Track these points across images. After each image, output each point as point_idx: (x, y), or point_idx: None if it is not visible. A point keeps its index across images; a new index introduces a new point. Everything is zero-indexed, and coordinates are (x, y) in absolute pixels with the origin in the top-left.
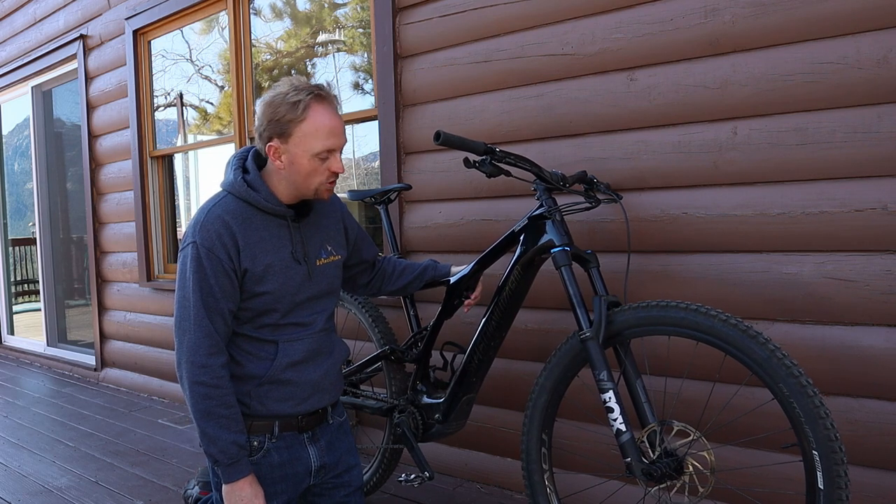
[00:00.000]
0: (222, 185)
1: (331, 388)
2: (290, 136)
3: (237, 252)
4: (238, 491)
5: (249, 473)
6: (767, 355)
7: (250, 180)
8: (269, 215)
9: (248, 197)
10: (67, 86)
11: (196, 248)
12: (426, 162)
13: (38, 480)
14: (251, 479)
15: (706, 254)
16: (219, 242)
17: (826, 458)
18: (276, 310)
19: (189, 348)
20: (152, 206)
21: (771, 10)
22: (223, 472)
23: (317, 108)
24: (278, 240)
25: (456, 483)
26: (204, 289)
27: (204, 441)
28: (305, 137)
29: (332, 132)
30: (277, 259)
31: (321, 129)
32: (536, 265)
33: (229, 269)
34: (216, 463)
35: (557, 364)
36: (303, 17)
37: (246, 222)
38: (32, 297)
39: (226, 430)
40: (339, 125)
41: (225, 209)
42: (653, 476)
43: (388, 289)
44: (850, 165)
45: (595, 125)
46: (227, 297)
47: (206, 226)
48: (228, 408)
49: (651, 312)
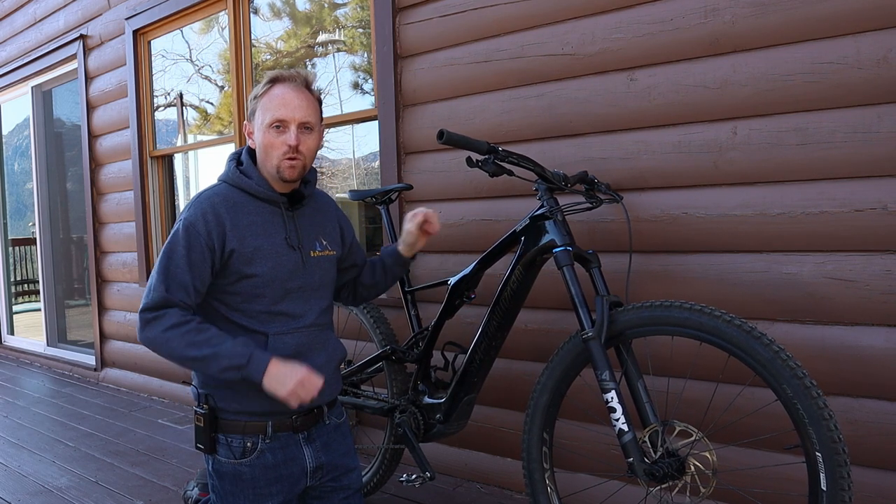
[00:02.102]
0: (218, 178)
1: (325, 387)
2: (254, 112)
3: (221, 232)
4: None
5: (271, 357)
6: (771, 356)
7: (243, 168)
8: (262, 202)
9: (241, 183)
10: (67, 86)
11: (179, 223)
12: (426, 162)
13: (38, 480)
14: (277, 360)
15: (706, 254)
16: (202, 219)
17: (829, 459)
18: (265, 295)
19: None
20: (152, 206)
21: (771, 10)
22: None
23: (277, 85)
24: (271, 226)
25: (456, 483)
26: (171, 255)
27: (212, 365)
28: (262, 111)
29: (284, 103)
30: (268, 243)
31: (274, 100)
32: (538, 265)
33: (205, 245)
34: (238, 370)
35: (559, 364)
36: (303, 17)
37: (237, 206)
38: (32, 297)
39: (218, 345)
40: (293, 99)
41: (216, 193)
42: (654, 476)
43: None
44: (850, 165)
45: (595, 125)
46: (195, 272)
47: (194, 206)
48: (205, 331)
49: (654, 312)
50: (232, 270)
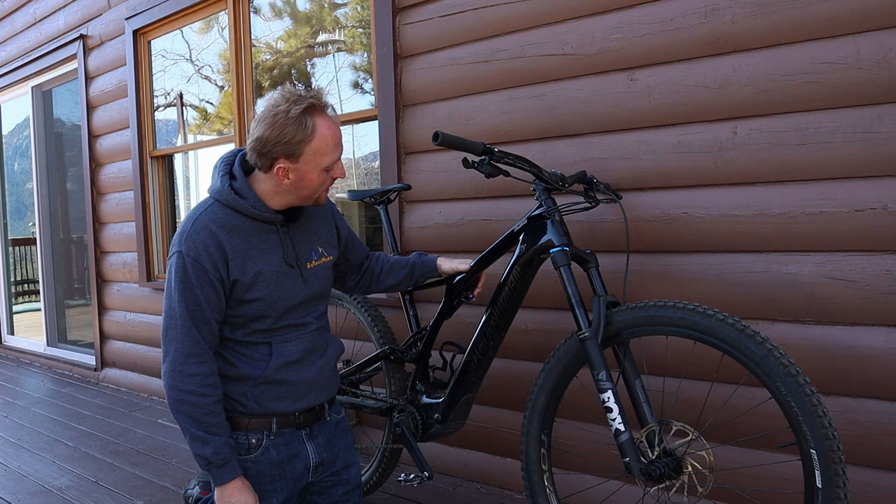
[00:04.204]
0: (209, 192)
1: (326, 385)
2: (300, 155)
3: (224, 262)
4: (228, 496)
5: (240, 476)
6: (765, 354)
7: (237, 187)
8: (257, 222)
9: (236, 204)
10: (67, 86)
11: (182, 258)
12: (426, 162)
13: (38, 480)
14: (241, 483)
15: (706, 254)
16: (205, 253)
17: (824, 456)
18: (268, 316)
19: (176, 358)
20: (152, 206)
21: (771, 10)
22: (214, 475)
23: (321, 121)
24: (267, 245)
25: (455, 483)
26: (189, 299)
27: (196, 444)
28: (316, 155)
29: (338, 143)
30: (267, 265)
31: (329, 143)
32: (536, 265)
33: (215, 279)
34: (208, 465)
35: (556, 364)
36: (303, 17)
37: (233, 231)
38: (32, 297)
39: (216, 435)
40: (339, 133)
41: (211, 218)
42: (652, 476)
43: (377, 287)
44: (850, 165)
45: (595, 125)
46: (213, 308)
47: (192, 236)
48: (216, 415)
49: (649, 312)
50: (234, 298)
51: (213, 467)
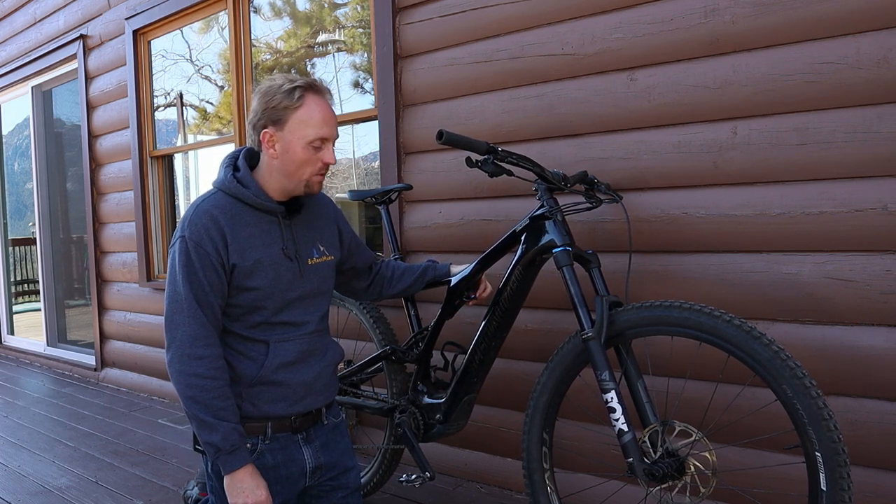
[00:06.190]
0: (214, 184)
1: (324, 390)
2: (284, 122)
3: (225, 247)
4: (239, 483)
5: (249, 462)
6: (771, 356)
7: (240, 177)
8: (259, 212)
9: (238, 193)
10: (67, 86)
11: (185, 243)
12: (426, 162)
13: (38, 480)
14: (251, 469)
15: (706, 254)
16: (206, 237)
17: (829, 459)
18: (265, 307)
19: (184, 341)
20: (152, 206)
21: (771, 10)
22: (224, 462)
23: (312, 97)
24: (268, 236)
25: (456, 483)
26: (194, 282)
27: (203, 431)
28: (300, 124)
29: (326, 121)
30: (267, 255)
31: (315, 116)
32: (538, 265)
33: (217, 263)
34: (217, 452)
35: (559, 364)
36: (303, 17)
37: (235, 218)
38: (32, 297)
39: (224, 420)
40: (332, 116)
41: (214, 204)
42: (654, 476)
43: (388, 293)
44: (850, 165)
45: (595, 125)
46: (216, 291)
47: (194, 220)
48: (226, 399)
49: (654, 312)
50: (233, 285)
51: (223, 454)
